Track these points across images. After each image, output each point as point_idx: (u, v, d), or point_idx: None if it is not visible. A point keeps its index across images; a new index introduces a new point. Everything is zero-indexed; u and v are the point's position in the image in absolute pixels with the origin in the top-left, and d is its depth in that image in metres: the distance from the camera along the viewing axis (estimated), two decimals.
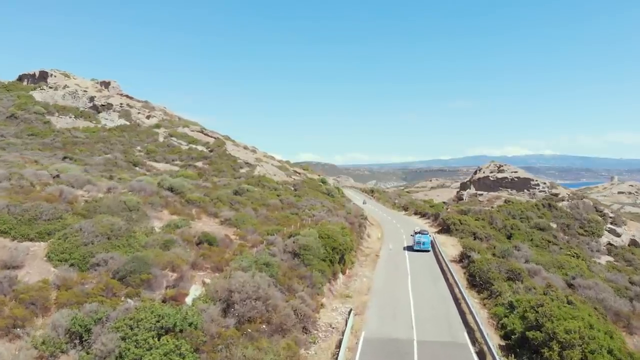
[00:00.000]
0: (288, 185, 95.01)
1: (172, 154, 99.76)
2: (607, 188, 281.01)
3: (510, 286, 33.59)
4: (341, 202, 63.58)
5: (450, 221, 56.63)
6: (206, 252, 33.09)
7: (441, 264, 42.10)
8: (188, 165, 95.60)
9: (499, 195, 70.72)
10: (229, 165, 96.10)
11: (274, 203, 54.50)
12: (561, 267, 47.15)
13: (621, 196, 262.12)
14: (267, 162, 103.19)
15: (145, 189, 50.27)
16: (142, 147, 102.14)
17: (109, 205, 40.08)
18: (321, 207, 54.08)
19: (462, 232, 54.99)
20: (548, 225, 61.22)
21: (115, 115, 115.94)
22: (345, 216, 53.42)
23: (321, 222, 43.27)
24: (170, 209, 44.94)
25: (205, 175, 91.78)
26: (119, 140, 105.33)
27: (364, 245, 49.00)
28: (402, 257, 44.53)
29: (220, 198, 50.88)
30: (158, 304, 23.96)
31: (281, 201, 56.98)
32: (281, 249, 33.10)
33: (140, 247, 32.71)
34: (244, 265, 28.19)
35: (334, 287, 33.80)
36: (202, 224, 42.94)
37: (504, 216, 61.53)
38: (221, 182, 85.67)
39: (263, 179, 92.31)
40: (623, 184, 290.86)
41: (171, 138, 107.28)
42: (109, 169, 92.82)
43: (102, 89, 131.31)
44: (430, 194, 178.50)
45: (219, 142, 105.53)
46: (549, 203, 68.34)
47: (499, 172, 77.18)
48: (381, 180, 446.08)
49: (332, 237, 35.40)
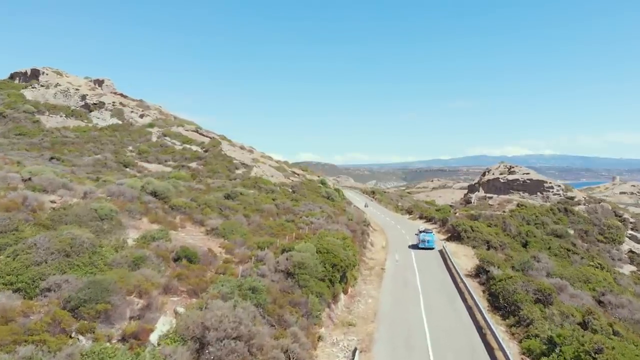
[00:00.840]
0: (286, 187, 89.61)
1: (165, 154, 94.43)
2: (609, 188, 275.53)
3: (542, 311, 28.16)
4: (341, 206, 58.20)
5: (461, 228, 51.28)
6: (183, 272, 27.67)
7: (455, 279, 36.74)
8: (181, 166, 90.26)
9: (510, 198, 65.24)
10: (224, 166, 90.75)
11: (268, 208, 49.11)
12: (587, 281, 41.76)
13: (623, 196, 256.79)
14: (264, 163, 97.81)
15: (125, 193, 44.90)
16: (134, 147, 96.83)
17: (77, 213, 34.67)
18: (320, 212, 48.68)
19: (474, 239, 49.65)
20: (566, 232, 55.86)
21: (107, 114, 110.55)
22: (347, 223, 47.99)
23: (320, 232, 37.85)
24: (150, 217, 39.55)
25: (199, 176, 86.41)
26: (110, 140, 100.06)
27: (368, 256, 43.64)
28: (410, 271, 39.11)
29: (209, 203, 45.47)
30: (111, 348, 18.60)
31: (277, 206, 51.60)
32: (272, 268, 27.69)
33: (104, 266, 27.34)
34: (225, 292, 22.78)
35: (335, 311, 28.41)
36: (185, 234, 37.56)
37: (517, 222, 56.20)
38: (215, 183, 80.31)
39: (260, 181, 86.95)
40: (625, 184, 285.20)
41: (165, 138, 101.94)
42: (98, 170, 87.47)
43: (95, 87, 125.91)
44: (432, 195, 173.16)
45: (214, 142, 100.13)
46: (565, 207, 62.87)
47: (509, 173, 71.69)
48: (381, 180, 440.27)
49: (333, 252, 29.98)
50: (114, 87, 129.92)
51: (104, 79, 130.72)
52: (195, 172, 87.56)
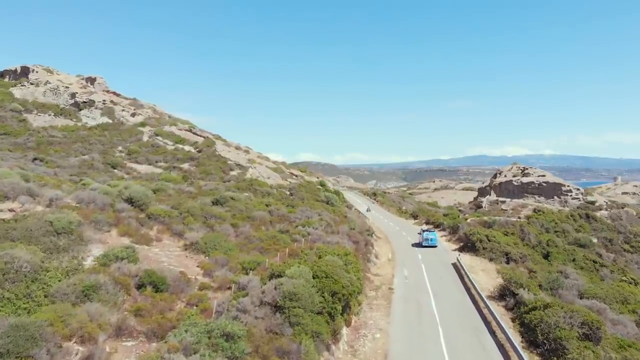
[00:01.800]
0: (283, 189, 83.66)
1: (156, 155, 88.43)
2: (611, 189, 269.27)
3: (594, 352, 22.17)
4: (342, 212, 52.25)
5: (476, 237, 45.37)
6: (144, 306, 21.70)
7: (477, 303, 30.79)
8: (173, 167, 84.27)
9: (525, 203, 59.22)
10: (218, 167, 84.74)
11: (261, 216, 43.15)
12: (625, 302, 35.80)
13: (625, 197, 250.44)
14: (260, 164, 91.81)
15: (97, 200, 38.95)
16: (124, 147, 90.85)
17: (29, 227, 28.81)
18: (318, 220, 42.74)
19: (490, 251, 43.76)
20: (589, 241, 49.98)
21: (97, 112, 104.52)
22: (348, 233, 42.02)
23: (317, 246, 31.91)
24: (121, 229, 33.59)
25: (190, 178, 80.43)
26: (99, 139, 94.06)
27: (373, 272, 37.72)
28: (423, 291, 33.00)
29: (192, 211, 39.49)
30: None
31: (270, 213, 45.64)
32: (257, 299, 21.73)
33: (44, 298, 21.40)
34: (189, 342, 16.82)
35: (335, 354, 22.43)
36: (159, 250, 31.57)
37: (536, 230, 50.31)
38: (207, 186, 74.35)
39: (255, 183, 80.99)
40: (627, 184, 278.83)
41: (156, 137, 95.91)
42: (83, 172, 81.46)
43: (86, 85, 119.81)
44: (434, 196, 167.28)
45: (208, 141, 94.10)
46: (587, 213, 56.92)
47: (523, 175, 65.65)
48: (381, 180, 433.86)
49: (333, 276, 24.02)
50: (106, 85, 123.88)
51: (96, 76, 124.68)
52: (187, 173, 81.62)
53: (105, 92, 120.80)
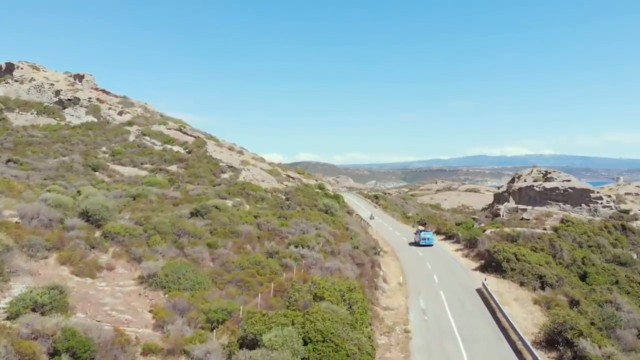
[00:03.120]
0: (279, 193, 75.89)
1: (143, 156, 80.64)
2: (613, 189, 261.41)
3: None
4: (343, 223, 44.46)
5: (502, 256, 37.60)
6: None
7: (523, 356, 23.06)
8: (159, 169, 76.46)
9: (550, 211, 51.31)
10: (209, 169, 76.97)
11: (247, 231, 35.38)
12: None
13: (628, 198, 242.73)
14: (255, 166, 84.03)
15: (43, 214, 31.20)
16: (109, 148, 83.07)
17: None
18: (315, 237, 35.01)
19: (520, 273, 36.03)
20: (630, 258, 42.26)
21: (82, 111, 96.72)
22: (351, 252, 34.22)
23: (312, 279, 24.14)
24: (62, 254, 25.80)
25: (177, 181, 72.64)
26: (82, 139, 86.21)
27: (382, 304, 29.95)
28: (449, 337, 24.85)
29: (160, 227, 31.67)
30: None
31: (259, 226, 37.84)
32: None
33: None
34: None
35: None
36: (104, 285, 23.75)
37: (568, 244, 42.60)
38: (195, 190, 66.53)
39: (248, 186, 73.18)
40: (629, 184, 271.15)
41: (144, 137, 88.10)
42: (61, 175, 73.50)
43: (74, 82, 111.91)
44: (437, 198, 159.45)
45: (199, 142, 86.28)
46: (622, 224, 49.10)
47: (545, 180, 57.66)
48: (381, 180, 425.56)
49: (332, 340, 16.27)
50: (95, 83, 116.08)
51: (85, 74, 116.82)
52: (174, 176, 73.83)
53: (93, 89, 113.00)
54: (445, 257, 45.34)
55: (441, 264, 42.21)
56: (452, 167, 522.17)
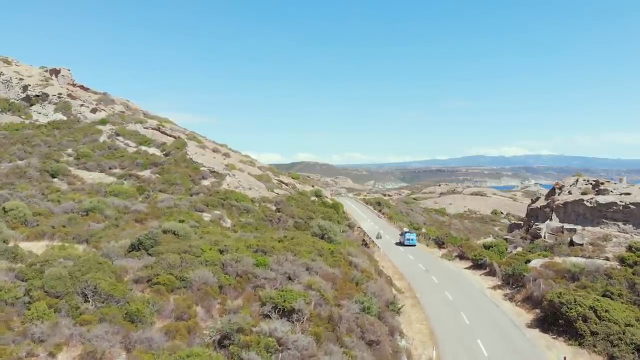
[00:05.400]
0: (268, 203, 63.45)
1: (113, 159, 68.20)
2: None
3: None
4: (345, 255, 31.74)
5: (574, 312, 25.34)
6: None
7: None
8: (129, 175, 63.96)
9: (607, 233, 39.12)
10: (187, 175, 64.52)
11: (203, 279, 23.02)
12: None
13: None
14: (242, 171, 71.55)
15: None
16: (75, 150, 70.60)
17: None
18: (305, 293, 22.64)
19: (606, 339, 23.91)
20: None
21: (51, 108, 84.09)
22: (360, 321, 21.66)
23: None
24: None
25: (148, 189, 60.11)
26: (46, 140, 73.68)
27: None
28: None
29: (53, 286, 19.21)
30: None
31: (223, 268, 25.38)
32: None
33: None
34: None
35: None
36: None
37: None
38: (165, 202, 54.05)
39: (232, 196, 60.68)
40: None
41: (117, 137, 75.57)
42: (10, 183, 61.09)
43: (49, 77, 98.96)
44: (441, 202, 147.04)
45: (179, 142, 73.69)
46: None
47: (597, 193, 45.12)
48: (379, 180, 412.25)
49: None
50: (72, 78, 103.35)
51: (61, 68, 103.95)
52: (145, 183, 61.32)
53: (70, 85, 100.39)
54: (482, 301, 32.69)
55: (482, 314, 29.66)
56: (451, 168, 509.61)
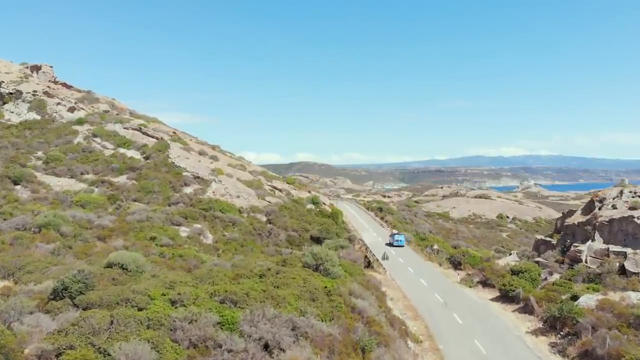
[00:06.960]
0: (258, 213, 55.41)
1: (86, 163, 60.15)
2: None
3: None
4: (346, 296, 23.58)
5: None
6: None
7: None
8: (101, 181, 55.92)
9: None
10: (167, 181, 56.52)
11: (133, 357, 14.83)
12: None
13: None
14: (230, 176, 63.51)
15: None
16: (45, 153, 62.57)
17: None
18: None
19: None
20: None
21: (24, 106, 75.97)
22: None
23: None
24: None
25: (121, 198, 52.05)
26: (14, 142, 65.63)
27: None
28: None
29: None
30: None
31: (172, 333, 17.25)
32: None
33: None
34: None
35: None
36: None
37: None
38: (139, 214, 46.17)
39: (216, 205, 52.66)
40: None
41: (93, 139, 67.53)
42: None
43: (29, 74, 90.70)
44: (444, 205, 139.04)
45: (161, 144, 65.60)
46: None
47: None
48: (378, 181, 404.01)
49: None
50: (53, 75, 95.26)
51: (42, 64, 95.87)
52: (118, 191, 53.26)
53: (52, 82, 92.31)
54: (526, 356, 24.51)
55: None
56: (450, 168, 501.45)
